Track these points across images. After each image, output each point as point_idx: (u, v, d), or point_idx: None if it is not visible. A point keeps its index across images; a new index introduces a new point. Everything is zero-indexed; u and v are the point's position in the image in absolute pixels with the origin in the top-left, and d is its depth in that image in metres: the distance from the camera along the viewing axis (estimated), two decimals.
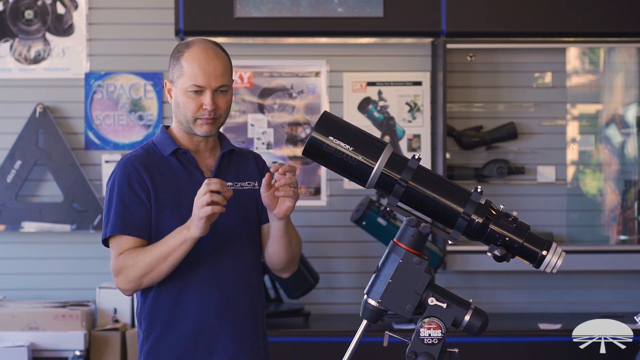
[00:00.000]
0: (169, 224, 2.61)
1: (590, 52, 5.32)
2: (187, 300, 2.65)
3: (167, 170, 2.69)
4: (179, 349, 2.65)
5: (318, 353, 4.53)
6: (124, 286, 2.63)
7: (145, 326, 2.68)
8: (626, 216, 5.24)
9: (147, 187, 2.64)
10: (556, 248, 2.16)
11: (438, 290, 2.17)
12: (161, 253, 2.56)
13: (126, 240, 2.62)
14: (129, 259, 2.59)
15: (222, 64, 2.66)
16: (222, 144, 2.78)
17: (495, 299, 5.16)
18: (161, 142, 2.73)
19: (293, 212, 2.65)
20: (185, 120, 2.67)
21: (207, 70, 2.63)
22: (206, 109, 2.63)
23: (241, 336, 2.68)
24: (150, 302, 2.67)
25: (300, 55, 5.17)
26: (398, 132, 5.17)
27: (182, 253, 2.56)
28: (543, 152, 5.21)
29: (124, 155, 2.73)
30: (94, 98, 5.11)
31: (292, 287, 4.85)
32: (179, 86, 2.66)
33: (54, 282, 5.10)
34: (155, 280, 2.60)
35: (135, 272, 2.58)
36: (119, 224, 2.62)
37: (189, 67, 2.64)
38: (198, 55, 2.64)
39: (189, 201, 2.62)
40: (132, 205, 2.63)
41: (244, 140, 5.13)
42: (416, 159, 2.18)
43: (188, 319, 2.65)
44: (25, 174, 5.04)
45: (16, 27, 5.13)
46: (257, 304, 2.74)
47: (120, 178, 2.66)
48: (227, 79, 2.67)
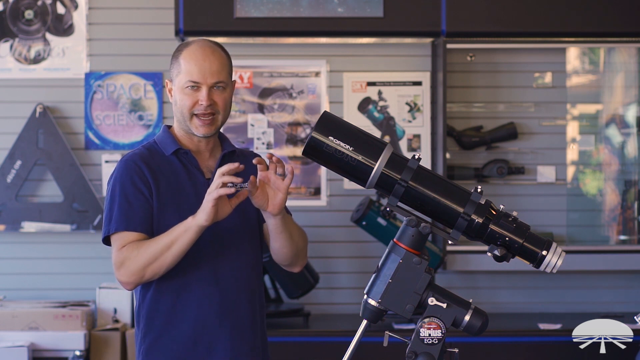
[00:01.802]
0: (169, 223, 2.61)
1: (590, 52, 5.32)
2: (187, 300, 2.65)
3: (168, 170, 2.69)
4: (178, 348, 2.65)
5: (318, 353, 4.53)
6: (125, 279, 2.60)
7: (144, 325, 2.68)
8: (626, 216, 5.24)
9: (149, 184, 2.64)
10: (556, 248, 2.16)
11: (438, 290, 2.17)
12: (165, 242, 2.55)
13: (129, 236, 2.61)
14: (132, 251, 2.58)
15: (219, 60, 2.67)
16: (223, 144, 2.78)
17: (495, 299, 5.16)
18: (163, 141, 2.73)
19: (293, 212, 2.65)
20: (183, 117, 2.68)
21: (203, 66, 2.63)
22: (202, 104, 2.64)
23: (240, 337, 2.68)
24: (150, 300, 2.67)
25: (300, 55, 5.17)
26: (398, 132, 5.17)
27: (186, 242, 2.54)
28: (543, 152, 5.21)
29: (126, 154, 2.73)
30: (94, 98, 5.11)
31: (292, 287, 4.85)
32: (177, 84, 2.67)
33: (54, 282, 5.10)
34: (157, 272, 2.58)
35: (138, 263, 2.56)
36: (122, 221, 2.61)
37: (186, 63, 2.65)
38: (195, 52, 2.65)
39: (189, 201, 2.62)
40: (135, 201, 2.62)
41: (244, 140, 5.13)
42: (416, 159, 2.18)
43: (188, 318, 2.65)
44: (25, 174, 5.04)
45: (16, 27, 5.13)
46: (257, 305, 2.74)
47: (122, 175, 2.65)
48: (224, 76, 2.67)
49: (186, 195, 2.66)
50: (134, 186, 2.63)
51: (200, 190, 2.66)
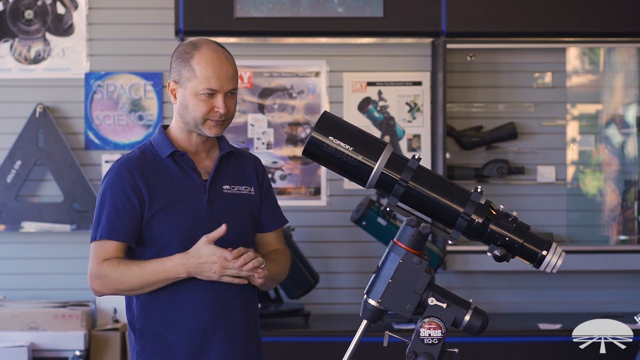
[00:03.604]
0: (163, 226, 2.61)
1: (590, 52, 5.32)
2: (182, 303, 2.65)
3: (163, 173, 2.68)
4: (172, 351, 2.65)
5: (318, 353, 4.53)
6: (100, 290, 2.67)
7: (140, 326, 2.69)
8: (626, 216, 5.24)
9: (141, 193, 2.64)
10: (556, 248, 2.16)
11: (438, 290, 2.17)
12: (149, 281, 2.61)
13: (110, 246, 2.64)
14: (114, 271, 2.61)
15: (233, 67, 2.68)
16: (221, 144, 2.78)
17: (495, 299, 5.16)
18: (159, 143, 2.72)
19: (293, 212, 2.66)
20: (194, 121, 2.67)
21: (220, 74, 2.63)
22: (218, 112, 2.64)
23: (234, 341, 2.68)
24: (144, 303, 2.68)
25: (300, 55, 5.17)
26: (398, 132, 5.17)
27: (167, 282, 2.63)
28: (543, 152, 5.21)
29: (121, 157, 2.73)
30: (94, 98, 5.11)
31: (292, 287, 4.85)
32: (189, 88, 2.65)
33: (54, 282, 5.10)
34: (134, 294, 2.67)
35: (117, 286, 2.63)
36: (106, 229, 2.64)
37: (202, 70, 2.63)
38: (210, 58, 2.64)
39: (183, 204, 2.63)
40: (123, 210, 2.63)
41: (244, 140, 5.13)
42: (416, 159, 2.18)
43: (183, 322, 2.65)
44: (25, 174, 5.04)
45: (16, 27, 5.13)
46: (251, 309, 2.75)
47: (114, 181, 2.66)
48: (236, 81, 2.70)
49: (181, 197, 2.66)
50: (124, 194, 2.64)
51: (197, 192, 2.66)
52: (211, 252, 2.56)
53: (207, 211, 2.65)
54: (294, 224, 4.70)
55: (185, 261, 2.57)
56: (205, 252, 2.57)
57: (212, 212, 2.66)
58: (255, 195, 2.76)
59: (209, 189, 2.68)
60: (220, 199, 2.69)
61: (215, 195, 2.68)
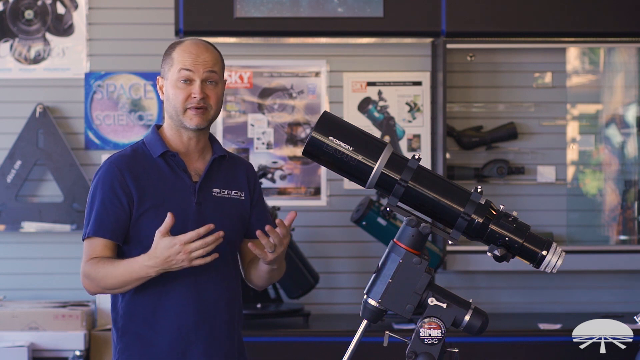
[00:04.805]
0: (150, 226, 2.60)
1: (590, 52, 5.32)
2: (166, 305, 2.65)
3: (153, 172, 2.68)
4: (155, 351, 2.65)
5: (318, 353, 4.53)
6: (89, 289, 2.67)
7: (122, 325, 2.69)
8: (626, 216, 5.24)
9: (130, 192, 2.64)
10: (556, 248, 2.16)
11: (438, 290, 2.17)
12: (125, 281, 2.59)
13: (97, 243, 2.64)
14: (95, 271, 2.61)
15: (212, 55, 2.68)
16: (213, 147, 2.77)
17: (495, 299, 5.16)
18: (151, 142, 2.72)
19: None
20: (175, 112, 2.67)
21: (197, 59, 2.65)
22: (195, 97, 2.64)
23: (216, 343, 2.68)
24: (128, 302, 2.67)
25: (300, 55, 5.17)
26: (398, 132, 5.17)
27: (139, 283, 2.60)
28: (543, 152, 5.21)
29: (112, 155, 2.73)
30: (94, 98, 5.11)
31: (292, 287, 4.85)
32: (169, 78, 2.68)
33: (54, 282, 5.10)
34: (121, 292, 2.65)
35: (100, 284, 2.62)
36: (94, 226, 2.64)
37: (179, 56, 2.67)
38: (188, 47, 2.69)
39: (172, 204, 2.62)
40: (111, 207, 2.63)
41: (243, 140, 5.13)
42: (416, 159, 2.18)
43: (166, 323, 2.65)
44: (25, 174, 5.04)
45: (16, 27, 5.13)
46: (235, 311, 2.74)
47: (104, 179, 2.66)
48: (217, 69, 2.68)
49: (169, 197, 2.65)
50: (113, 193, 2.64)
51: (186, 193, 2.66)
52: (169, 244, 2.49)
53: (196, 213, 2.64)
54: (293, 224, 4.69)
55: (147, 263, 2.53)
56: (162, 246, 2.50)
57: (200, 214, 2.65)
58: (245, 200, 2.74)
59: (199, 191, 2.67)
60: (210, 201, 2.68)
61: (205, 198, 2.67)
